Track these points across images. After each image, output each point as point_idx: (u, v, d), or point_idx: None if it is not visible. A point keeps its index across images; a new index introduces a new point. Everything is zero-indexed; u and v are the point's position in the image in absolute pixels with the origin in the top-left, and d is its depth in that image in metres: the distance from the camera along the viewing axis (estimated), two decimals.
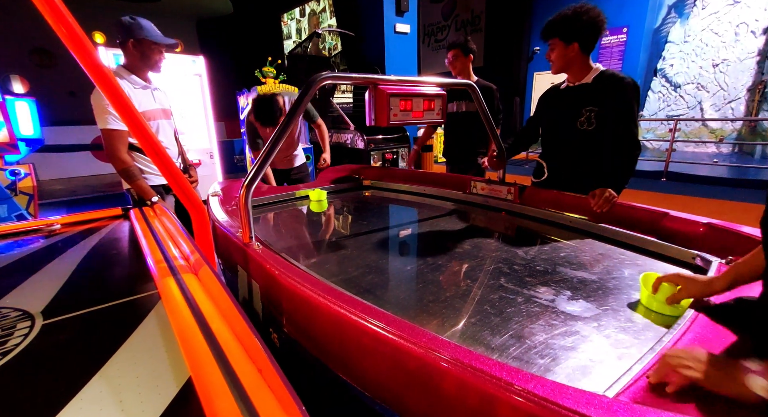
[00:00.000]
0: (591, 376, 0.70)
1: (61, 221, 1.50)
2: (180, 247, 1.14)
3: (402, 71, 4.81)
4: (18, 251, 1.24)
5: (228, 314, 0.74)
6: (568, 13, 1.49)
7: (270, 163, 1.14)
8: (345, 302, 0.78)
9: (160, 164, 1.12)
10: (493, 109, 2.37)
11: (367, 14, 4.76)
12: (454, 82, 1.68)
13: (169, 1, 8.06)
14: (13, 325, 0.77)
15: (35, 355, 0.68)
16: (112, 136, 1.69)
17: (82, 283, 0.99)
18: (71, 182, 6.63)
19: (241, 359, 0.60)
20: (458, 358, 0.60)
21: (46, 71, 8.02)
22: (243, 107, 4.66)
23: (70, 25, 0.89)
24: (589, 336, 0.82)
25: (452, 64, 2.41)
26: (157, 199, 1.76)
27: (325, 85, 1.71)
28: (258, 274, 1.08)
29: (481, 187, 1.94)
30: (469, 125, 2.49)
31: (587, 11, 1.47)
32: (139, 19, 1.73)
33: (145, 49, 1.74)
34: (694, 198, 4.30)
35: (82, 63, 0.94)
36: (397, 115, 1.30)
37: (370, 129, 2.79)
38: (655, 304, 0.89)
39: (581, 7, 1.48)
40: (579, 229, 1.51)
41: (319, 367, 0.85)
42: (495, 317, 0.91)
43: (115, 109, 1.07)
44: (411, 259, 1.32)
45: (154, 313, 0.82)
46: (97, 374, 0.63)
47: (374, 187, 2.44)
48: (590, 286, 1.04)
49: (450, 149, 2.72)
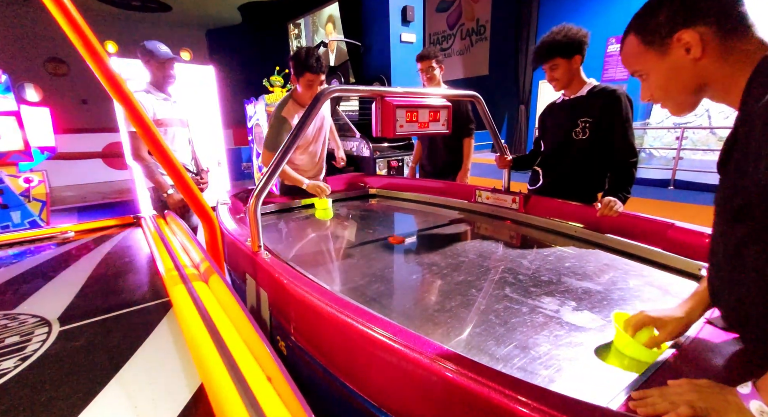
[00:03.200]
0: (595, 387, 0.71)
1: (75, 229, 1.54)
2: (190, 255, 1.17)
3: (408, 80, 4.85)
4: (34, 258, 1.27)
5: (238, 322, 0.76)
6: (558, 34, 1.58)
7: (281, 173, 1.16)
8: (352, 311, 0.80)
9: (167, 165, 1.14)
10: (464, 117, 2.41)
11: (373, 24, 4.83)
12: (460, 94, 1.70)
13: (179, 12, 8.25)
14: (31, 331, 0.80)
15: (53, 361, 0.70)
16: (135, 138, 1.91)
17: (96, 290, 1.01)
18: (82, 189, 6.74)
19: (251, 367, 0.62)
20: (463, 369, 0.61)
21: (60, 80, 8.22)
22: (250, 116, 4.73)
23: (86, 35, 0.93)
24: (593, 347, 0.83)
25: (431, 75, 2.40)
26: (173, 192, 1.98)
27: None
28: (266, 283, 1.10)
29: (486, 195, 1.96)
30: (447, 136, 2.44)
31: (571, 28, 1.58)
32: (148, 43, 2.00)
33: (155, 69, 2.03)
34: (702, 206, 4.26)
35: (96, 72, 0.98)
36: (403, 126, 1.32)
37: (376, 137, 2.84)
38: (630, 349, 0.77)
39: (565, 26, 1.59)
40: (584, 239, 1.52)
41: (325, 375, 0.87)
42: (500, 327, 0.91)
43: (127, 115, 1.10)
44: (416, 268, 1.34)
45: (166, 320, 0.85)
46: (112, 380, 0.65)
47: (380, 196, 2.46)
48: (595, 296, 1.05)
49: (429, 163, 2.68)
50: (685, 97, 0.66)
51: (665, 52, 0.64)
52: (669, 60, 0.64)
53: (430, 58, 2.37)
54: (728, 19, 0.58)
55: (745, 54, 0.58)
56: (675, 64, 0.63)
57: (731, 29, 0.58)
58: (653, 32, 0.65)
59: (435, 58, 2.38)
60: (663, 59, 0.65)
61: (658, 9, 0.64)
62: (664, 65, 0.65)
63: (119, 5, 7.63)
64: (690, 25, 0.60)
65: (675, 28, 0.61)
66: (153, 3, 7.64)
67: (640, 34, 0.67)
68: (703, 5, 0.59)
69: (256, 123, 4.62)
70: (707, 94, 0.65)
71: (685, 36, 0.60)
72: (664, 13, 0.63)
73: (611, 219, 1.44)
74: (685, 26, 0.60)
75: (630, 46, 0.70)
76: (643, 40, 0.66)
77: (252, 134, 4.82)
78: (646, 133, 6.33)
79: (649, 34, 0.65)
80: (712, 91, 0.64)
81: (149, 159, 1.96)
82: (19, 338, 0.77)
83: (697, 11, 0.59)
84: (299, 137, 1.16)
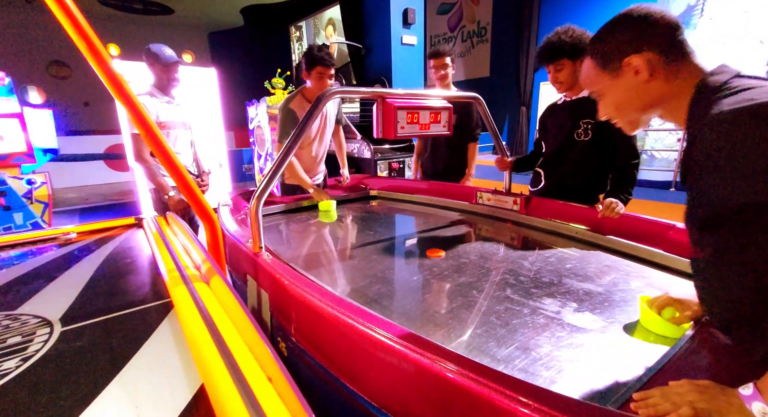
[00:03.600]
0: (596, 389, 0.71)
1: (77, 230, 1.54)
2: (191, 256, 1.17)
3: (409, 82, 4.86)
4: (36, 259, 1.28)
5: (239, 323, 0.76)
6: (564, 35, 1.57)
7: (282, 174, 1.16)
8: (353, 312, 0.80)
9: (169, 167, 1.15)
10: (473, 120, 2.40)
11: (374, 26, 4.85)
12: (460, 95, 1.70)
13: (181, 15, 8.29)
14: (33, 331, 0.80)
15: (55, 361, 0.70)
16: (138, 140, 1.92)
17: (97, 290, 1.02)
18: (84, 190, 6.77)
19: (251, 367, 0.62)
20: (464, 370, 0.61)
21: (62, 82, 8.27)
22: (252, 117, 4.74)
23: (89, 37, 0.94)
24: (594, 349, 0.83)
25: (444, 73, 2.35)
26: (174, 194, 2.00)
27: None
28: (267, 284, 1.10)
29: (487, 197, 1.95)
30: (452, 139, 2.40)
31: (575, 29, 1.57)
32: (153, 46, 2.02)
33: (160, 72, 2.04)
34: None
35: (99, 74, 0.98)
36: (404, 127, 1.33)
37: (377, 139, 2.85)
38: (655, 325, 0.85)
39: (570, 27, 1.57)
40: (585, 241, 1.52)
41: (326, 376, 0.86)
42: (501, 328, 0.91)
43: (130, 118, 1.11)
44: (417, 269, 1.34)
45: (167, 321, 0.85)
46: (113, 380, 0.65)
47: (381, 197, 2.46)
48: (596, 298, 1.05)
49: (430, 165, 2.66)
50: (636, 115, 0.74)
51: (617, 74, 0.72)
52: (621, 82, 0.72)
53: (444, 55, 2.34)
54: (670, 46, 0.67)
55: (686, 77, 0.66)
56: (626, 85, 0.71)
57: (673, 55, 0.67)
58: (607, 57, 0.73)
59: (450, 56, 2.36)
60: (616, 81, 0.72)
61: (610, 36, 0.72)
62: (617, 86, 0.73)
63: (122, 8, 7.68)
64: (638, 50, 0.68)
65: (625, 53, 0.69)
66: (155, 6, 7.68)
67: (596, 58, 0.75)
68: (649, 33, 0.67)
69: (257, 125, 4.64)
70: (657, 112, 0.73)
71: (634, 60, 0.68)
72: (616, 40, 0.71)
73: (612, 220, 1.44)
74: (634, 52, 0.68)
75: (587, 69, 0.78)
76: (599, 64, 0.74)
77: (253, 136, 4.83)
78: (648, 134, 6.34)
79: (603, 58, 0.73)
80: (660, 110, 0.72)
81: (151, 161, 1.97)
82: (21, 338, 0.77)
83: (644, 38, 0.68)
84: (301, 137, 1.16)
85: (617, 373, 0.75)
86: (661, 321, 0.84)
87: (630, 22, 0.70)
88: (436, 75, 2.39)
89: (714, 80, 0.62)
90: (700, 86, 0.64)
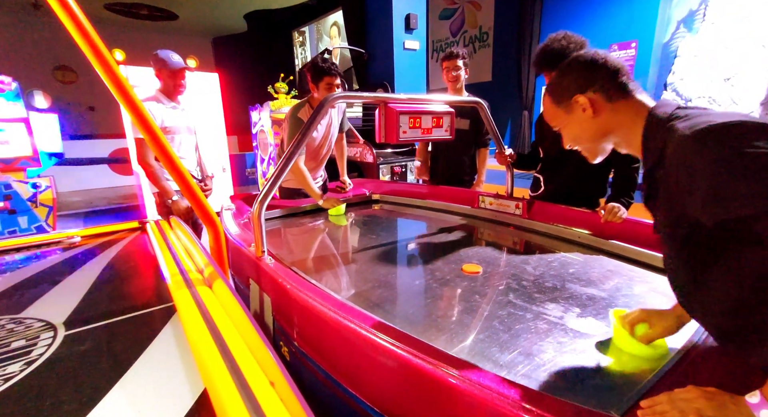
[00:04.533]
0: (599, 395, 0.70)
1: (81, 234, 1.55)
2: (194, 260, 1.17)
3: (411, 87, 4.88)
4: (41, 263, 1.29)
5: (241, 327, 0.76)
6: (557, 43, 1.53)
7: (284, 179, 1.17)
8: (355, 317, 0.80)
9: (173, 171, 1.15)
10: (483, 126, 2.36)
11: (377, 31, 4.88)
12: (462, 100, 1.71)
13: (186, 20, 8.38)
14: (37, 335, 0.81)
15: (58, 365, 0.71)
16: (142, 144, 1.94)
17: (101, 294, 1.02)
18: (88, 194, 6.81)
19: (254, 372, 0.62)
20: (467, 375, 0.61)
21: (68, 87, 8.35)
22: (255, 122, 4.77)
23: (95, 43, 0.95)
24: (598, 354, 0.82)
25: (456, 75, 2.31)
26: (177, 198, 2.01)
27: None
28: (270, 288, 1.10)
29: (489, 201, 1.95)
30: (464, 144, 2.42)
31: (570, 37, 1.53)
32: (161, 52, 2.04)
33: (167, 77, 2.06)
34: None
35: (105, 79, 0.99)
36: (406, 132, 1.33)
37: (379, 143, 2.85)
38: (628, 345, 0.80)
39: (566, 35, 1.54)
40: (588, 245, 1.51)
41: (328, 380, 0.86)
42: (503, 334, 0.91)
43: (134, 122, 1.12)
44: (419, 274, 1.33)
45: (170, 325, 0.85)
46: (116, 385, 0.65)
47: (383, 201, 2.46)
48: (599, 303, 1.04)
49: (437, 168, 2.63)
50: (592, 145, 0.83)
51: (569, 111, 0.81)
52: (573, 117, 0.81)
53: (457, 58, 2.29)
54: (611, 87, 0.76)
55: (630, 112, 0.75)
56: (577, 120, 0.80)
57: (615, 93, 0.76)
58: (560, 95, 0.82)
59: (464, 58, 2.31)
60: (569, 116, 0.82)
61: (562, 77, 0.82)
62: (571, 121, 0.82)
63: (127, 14, 7.77)
64: (583, 91, 0.77)
65: (573, 93, 0.79)
66: (160, 12, 7.77)
67: (551, 96, 0.85)
68: (592, 77, 0.77)
69: (260, 129, 4.66)
70: (609, 142, 0.81)
71: (580, 99, 0.78)
72: (567, 81, 0.80)
73: (615, 225, 1.43)
74: (579, 92, 0.78)
75: (546, 105, 0.87)
76: (554, 101, 0.84)
77: (256, 140, 4.85)
78: None
79: (557, 97, 0.83)
80: (615, 141, 0.80)
81: (155, 165, 1.99)
82: (25, 342, 0.78)
83: (588, 81, 0.77)
84: (305, 141, 1.17)
85: (621, 379, 0.74)
86: (632, 340, 0.79)
87: (577, 66, 0.80)
88: (447, 76, 2.35)
89: (662, 111, 0.70)
90: (651, 117, 0.71)
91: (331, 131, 2.29)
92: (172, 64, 2.04)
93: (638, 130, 0.73)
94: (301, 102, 2.17)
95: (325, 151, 2.34)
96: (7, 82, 3.59)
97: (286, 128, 2.17)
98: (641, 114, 0.73)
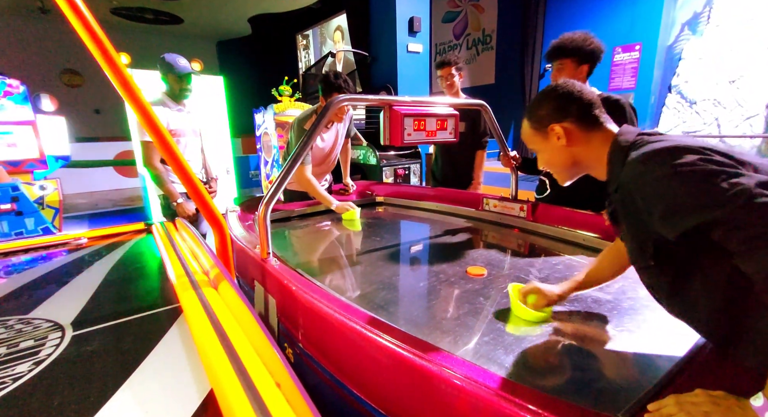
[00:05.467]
0: (605, 397, 0.70)
1: (88, 235, 1.56)
2: (200, 262, 1.18)
3: (414, 89, 4.89)
4: (48, 264, 1.30)
5: (247, 328, 0.76)
6: (576, 37, 1.55)
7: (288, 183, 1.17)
8: (360, 318, 0.80)
9: (181, 173, 1.16)
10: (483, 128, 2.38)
11: (380, 34, 4.90)
12: (466, 103, 1.71)
13: (190, 24, 8.46)
14: (45, 335, 0.81)
15: (66, 365, 0.71)
16: (148, 148, 1.96)
17: (108, 295, 1.03)
18: (94, 196, 6.86)
19: (260, 373, 0.62)
20: (472, 377, 0.61)
21: (74, 90, 8.44)
22: (259, 124, 4.79)
23: (104, 46, 0.96)
24: (603, 357, 0.82)
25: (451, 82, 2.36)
26: (182, 201, 2.03)
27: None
28: (275, 290, 1.10)
29: (493, 204, 1.95)
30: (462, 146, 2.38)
31: (593, 38, 1.55)
32: (167, 56, 2.05)
33: (173, 81, 2.08)
34: None
35: (114, 82, 1.00)
36: (410, 134, 1.34)
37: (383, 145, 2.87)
38: (523, 312, 0.97)
39: (587, 34, 1.56)
40: (593, 248, 1.50)
41: (333, 382, 0.86)
42: (508, 336, 0.91)
43: (143, 125, 1.13)
44: (424, 276, 1.33)
45: (177, 326, 0.85)
46: (123, 385, 0.65)
47: (387, 203, 2.47)
48: (605, 306, 1.04)
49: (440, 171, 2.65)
50: (564, 170, 0.88)
51: (545, 137, 0.85)
52: (548, 143, 0.85)
53: (450, 65, 2.34)
54: (586, 118, 0.81)
55: (600, 142, 0.80)
56: (551, 146, 0.85)
57: (588, 125, 0.81)
58: (537, 122, 0.86)
59: (455, 65, 2.35)
60: (545, 142, 0.86)
61: (540, 105, 0.86)
62: (546, 147, 0.86)
63: (133, 18, 7.85)
64: (560, 120, 0.82)
65: (550, 121, 0.83)
66: (165, 16, 7.85)
67: (530, 121, 0.88)
68: (568, 108, 0.81)
69: (264, 132, 4.68)
70: (581, 169, 0.87)
71: (556, 128, 0.82)
72: (544, 110, 0.85)
73: None
74: (556, 121, 0.82)
75: (525, 129, 0.91)
76: (532, 127, 0.88)
77: (260, 143, 4.88)
78: None
79: (535, 123, 0.87)
80: (584, 168, 0.86)
81: (161, 167, 2.00)
82: (33, 342, 0.78)
83: (564, 112, 0.82)
84: (308, 145, 1.17)
85: (627, 382, 0.74)
86: (523, 308, 0.96)
87: (554, 96, 0.84)
88: (442, 85, 2.41)
89: (623, 139, 0.75)
90: (613, 145, 0.77)
91: (338, 139, 2.31)
92: (179, 69, 2.05)
93: (604, 157, 0.79)
94: (308, 112, 2.18)
95: (333, 157, 2.35)
96: (15, 85, 3.64)
97: (293, 138, 2.16)
98: (607, 142, 0.79)
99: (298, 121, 2.15)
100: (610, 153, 0.77)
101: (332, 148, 2.29)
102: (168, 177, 2.03)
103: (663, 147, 0.62)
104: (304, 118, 2.14)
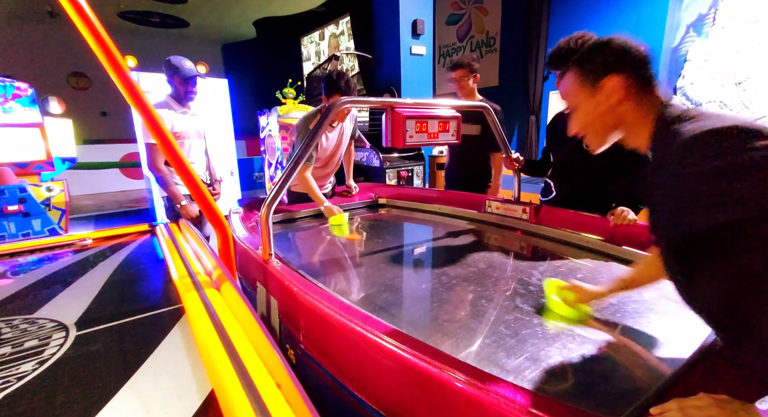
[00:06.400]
0: (607, 401, 0.69)
1: (93, 236, 1.58)
2: (203, 263, 1.19)
3: (417, 91, 4.90)
4: (53, 264, 1.31)
5: (249, 329, 0.76)
6: (574, 42, 1.53)
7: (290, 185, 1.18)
8: (361, 320, 0.80)
9: (184, 176, 1.17)
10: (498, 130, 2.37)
11: (384, 37, 4.92)
12: (470, 105, 1.71)
13: (196, 28, 8.54)
14: (49, 335, 0.82)
15: (69, 365, 0.72)
16: (153, 150, 1.99)
17: (111, 296, 1.04)
18: (100, 198, 6.92)
19: (261, 374, 0.62)
20: (473, 380, 0.60)
21: (81, 93, 8.54)
22: (263, 126, 4.82)
23: (109, 49, 0.97)
24: (606, 360, 0.81)
25: (461, 84, 2.33)
26: (186, 203, 2.05)
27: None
28: (277, 291, 1.11)
29: (496, 206, 1.95)
30: (475, 149, 2.40)
31: (591, 36, 1.51)
32: (173, 59, 2.05)
33: (178, 84, 2.10)
34: None
35: (119, 85, 1.01)
36: (413, 136, 1.34)
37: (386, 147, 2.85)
38: (558, 308, 1.00)
39: (584, 34, 1.53)
40: (597, 250, 1.50)
41: (334, 383, 0.86)
42: (510, 339, 0.90)
43: (147, 127, 1.14)
44: (426, 278, 1.33)
45: (179, 326, 0.86)
46: (125, 385, 0.66)
47: (389, 205, 2.47)
48: (608, 308, 1.03)
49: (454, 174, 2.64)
50: (603, 132, 0.79)
51: (593, 92, 0.76)
52: (594, 99, 0.76)
53: (463, 67, 2.27)
54: (644, 74, 0.73)
55: (650, 105, 0.72)
56: (597, 103, 0.76)
57: (645, 82, 0.73)
58: (587, 74, 0.77)
59: (468, 68, 2.28)
60: (591, 98, 0.77)
61: (595, 54, 0.77)
62: (590, 103, 0.77)
63: (139, 22, 7.94)
64: (618, 71, 0.74)
65: (606, 72, 0.74)
66: (171, 19, 7.92)
67: (580, 69, 0.79)
68: (628, 58, 0.73)
69: (268, 134, 4.71)
70: (619, 134, 0.78)
71: (611, 81, 0.74)
72: (599, 58, 0.76)
73: (625, 230, 1.41)
74: (614, 72, 0.74)
75: (569, 81, 0.82)
76: (580, 77, 0.79)
77: (264, 145, 4.90)
78: None
79: (587, 72, 0.78)
80: (624, 132, 0.77)
81: (165, 170, 2.02)
82: (37, 342, 0.79)
83: (623, 62, 0.74)
84: (311, 147, 1.18)
85: (630, 385, 0.73)
86: (562, 304, 0.99)
87: (612, 46, 0.75)
88: (455, 86, 2.38)
89: (673, 110, 0.68)
90: (661, 115, 0.70)
91: (343, 140, 2.31)
92: (185, 72, 2.06)
93: (649, 125, 0.71)
94: (313, 112, 2.19)
95: (337, 159, 2.35)
96: (23, 88, 3.68)
97: (297, 137, 2.18)
98: (653, 110, 0.71)
99: (304, 119, 2.15)
100: (659, 121, 0.70)
101: (336, 149, 2.30)
102: (172, 179, 2.04)
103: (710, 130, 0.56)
104: (310, 117, 2.14)
